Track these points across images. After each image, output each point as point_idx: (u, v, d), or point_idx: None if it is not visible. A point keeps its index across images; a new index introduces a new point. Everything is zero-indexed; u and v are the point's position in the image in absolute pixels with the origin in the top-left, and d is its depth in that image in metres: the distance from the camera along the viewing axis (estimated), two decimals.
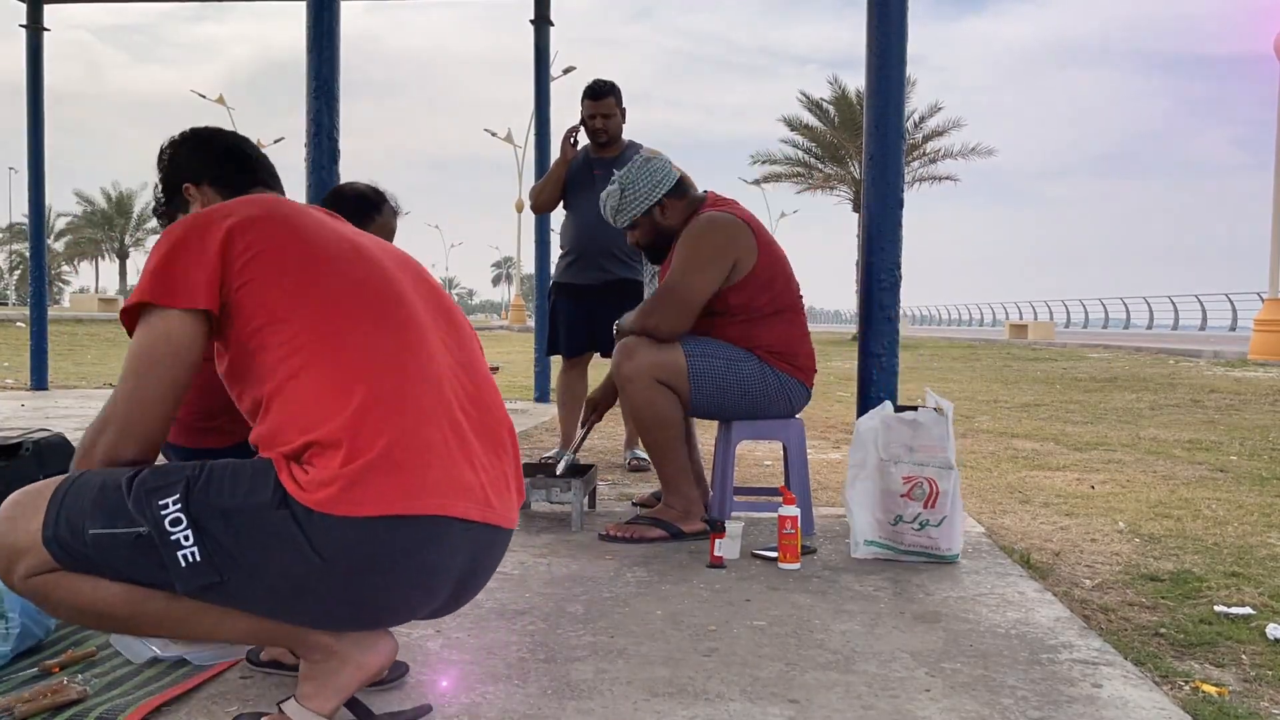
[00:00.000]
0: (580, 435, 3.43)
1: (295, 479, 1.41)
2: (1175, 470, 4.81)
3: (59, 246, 68.25)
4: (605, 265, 4.51)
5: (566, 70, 30.72)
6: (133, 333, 1.52)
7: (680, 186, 3.17)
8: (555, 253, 4.93)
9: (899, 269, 3.45)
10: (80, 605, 1.47)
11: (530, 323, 29.43)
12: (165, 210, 1.91)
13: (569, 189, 4.54)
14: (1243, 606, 2.55)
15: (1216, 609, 2.53)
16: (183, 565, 1.41)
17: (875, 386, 3.42)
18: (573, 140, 4.50)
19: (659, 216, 3.15)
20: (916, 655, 2.01)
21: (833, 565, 2.76)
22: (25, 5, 8.10)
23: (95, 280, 78.21)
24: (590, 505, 3.53)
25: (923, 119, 27.73)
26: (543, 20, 7.80)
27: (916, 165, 27.80)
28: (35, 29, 8.11)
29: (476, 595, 1.66)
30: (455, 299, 4.43)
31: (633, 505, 3.56)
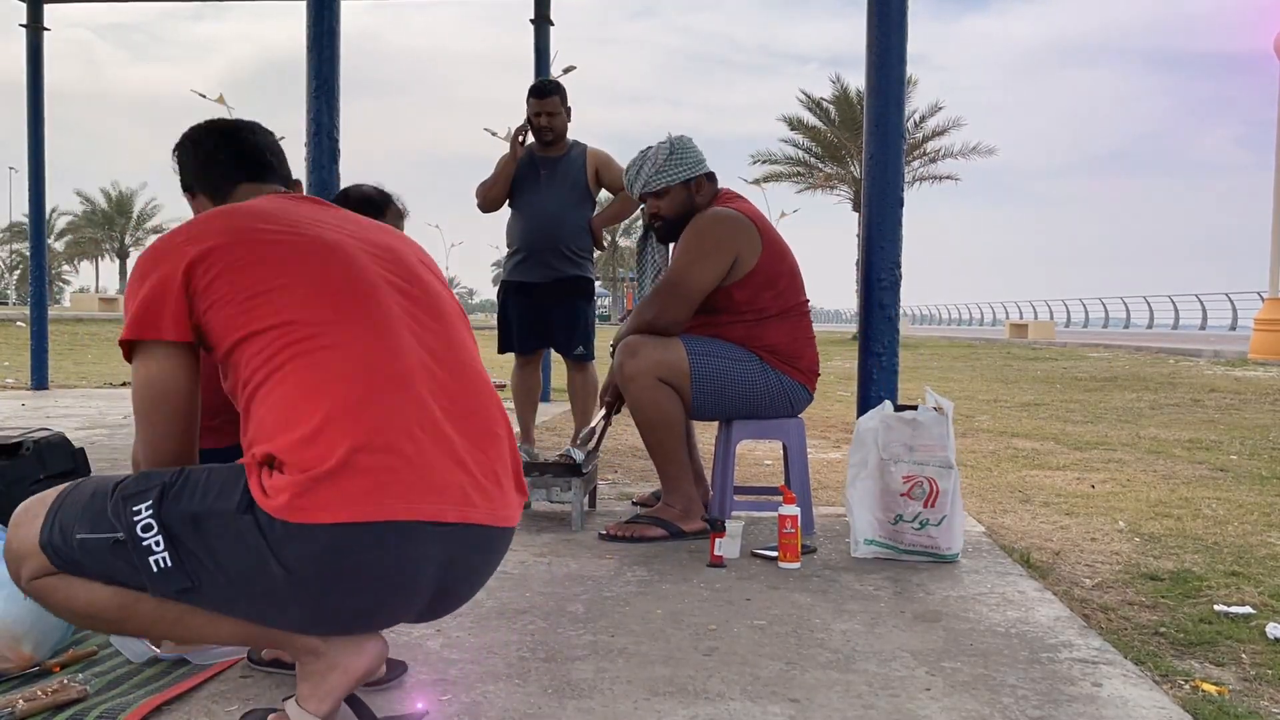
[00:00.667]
0: (600, 427, 3.40)
1: (262, 485, 1.41)
2: (1175, 470, 4.81)
3: (59, 246, 68.23)
4: (553, 263, 4.50)
5: (566, 70, 30.62)
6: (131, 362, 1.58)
7: (713, 177, 3.20)
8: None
9: (899, 268, 3.45)
10: (76, 608, 1.51)
11: None
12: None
13: (515, 187, 4.51)
14: (1243, 606, 2.55)
15: (1216, 608, 2.53)
16: (154, 570, 1.43)
17: (875, 386, 3.42)
18: (521, 139, 4.50)
19: (695, 191, 3.15)
20: (917, 654, 2.01)
21: (833, 564, 2.76)
22: (25, 5, 8.10)
23: (95, 280, 78.26)
24: (590, 505, 3.53)
25: (923, 118, 27.74)
26: (543, 20, 7.80)
27: (916, 165, 27.80)
28: (35, 29, 8.11)
29: (476, 595, 1.65)
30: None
31: (633, 505, 3.56)
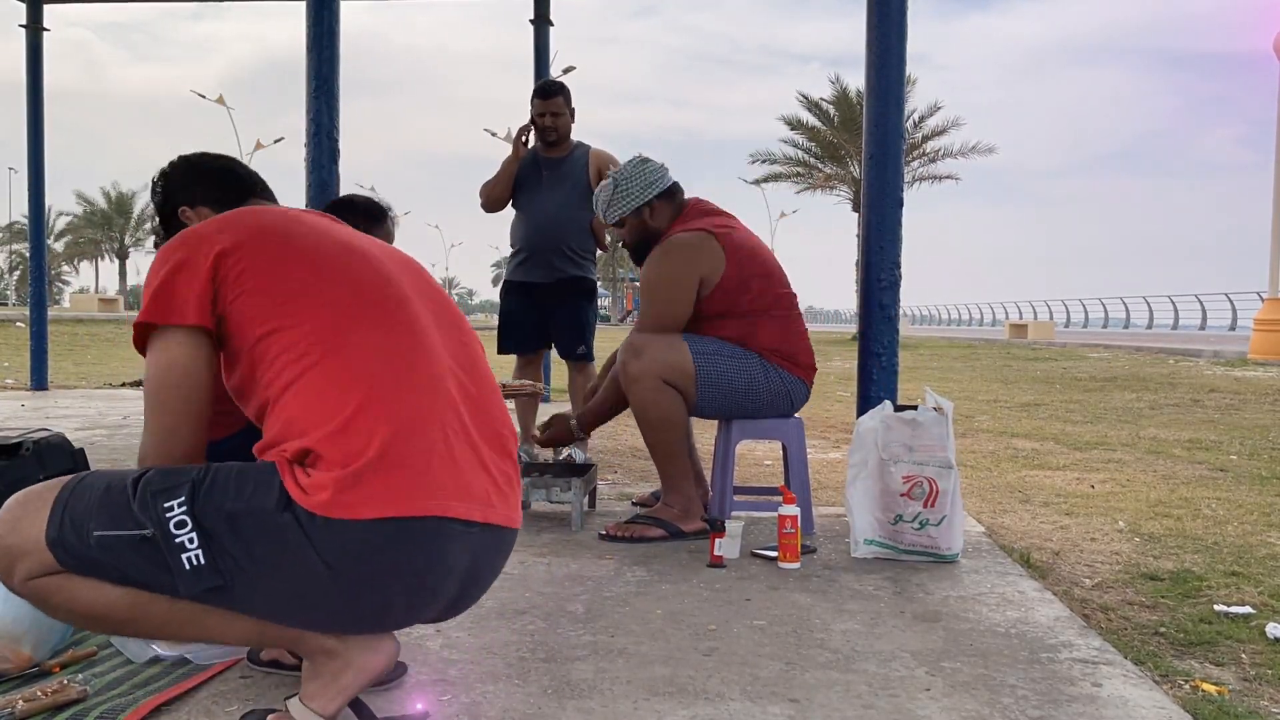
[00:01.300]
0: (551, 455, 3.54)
1: (298, 483, 1.41)
2: (1175, 470, 4.81)
3: (59, 247, 68.24)
4: (556, 263, 4.49)
5: (566, 70, 30.61)
6: (145, 354, 1.55)
7: (671, 192, 3.20)
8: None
9: (899, 268, 3.45)
10: (80, 609, 1.47)
11: None
12: (165, 238, 1.88)
13: (518, 188, 4.51)
14: (1242, 606, 2.55)
15: (1216, 608, 2.53)
16: (187, 568, 1.41)
17: (875, 386, 3.42)
18: (524, 139, 4.50)
19: (647, 217, 3.18)
20: (916, 654, 2.01)
21: (833, 565, 2.76)
22: (25, 5, 8.10)
23: (95, 280, 78.26)
24: (590, 505, 3.53)
25: (923, 118, 27.75)
26: (542, 20, 7.80)
27: (916, 165, 27.82)
28: (35, 29, 8.11)
29: (480, 596, 1.66)
30: (455, 299, 4.44)
31: (632, 505, 3.56)
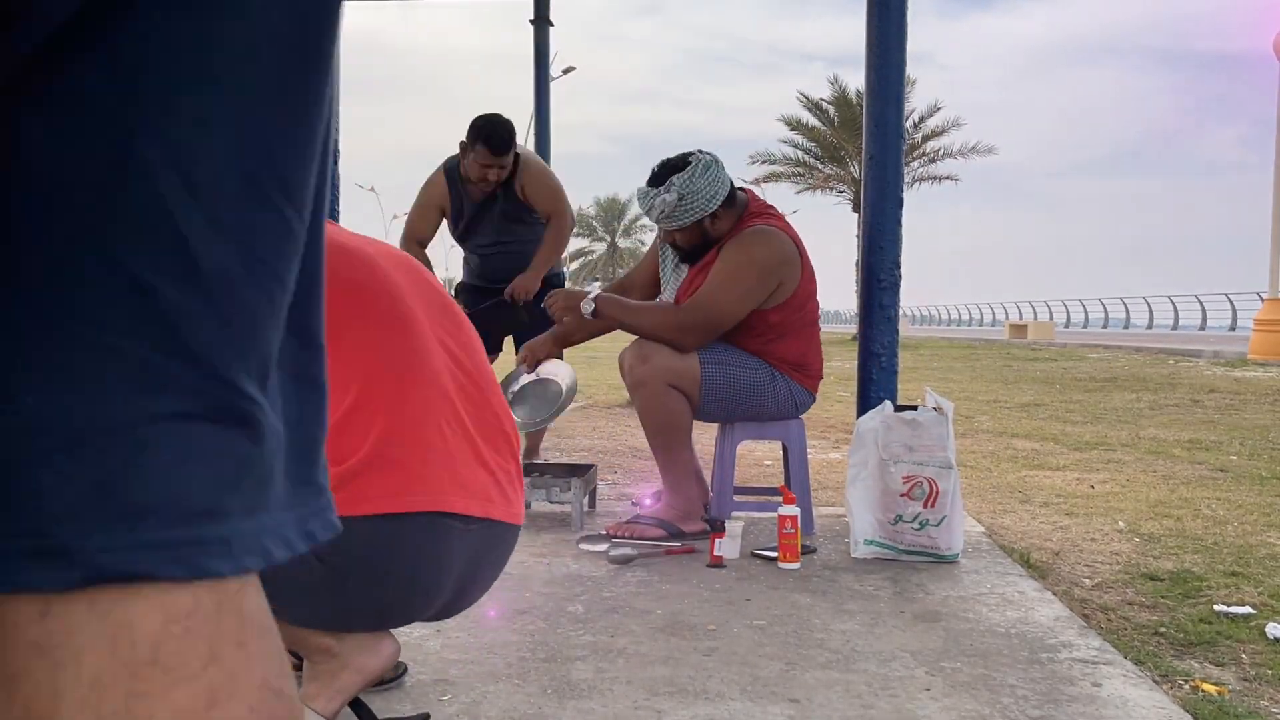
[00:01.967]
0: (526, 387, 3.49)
1: None
2: (1175, 470, 4.81)
3: None
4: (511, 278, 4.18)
5: (566, 70, 30.75)
6: None
7: (732, 195, 3.09)
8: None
9: (899, 269, 3.45)
10: None
11: None
12: None
13: (460, 227, 4.19)
14: (1242, 606, 2.55)
15: (1216, 608, 2.53)
16: None
17: (875, 386, 3.42)
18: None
19: (709, 225, 3.06)
20: (916, 654, 2.01)
21: (833, 565, 2.76)
22: None
23: None
24: (590, 505, 3.53)
25: (923, 119, 27.76)
26: (542, 20, 7.79)
27: (916, 165, 27.83)
28: None
29: (481, 596, 1.66)
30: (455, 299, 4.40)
31: (633, 505, 3.56)
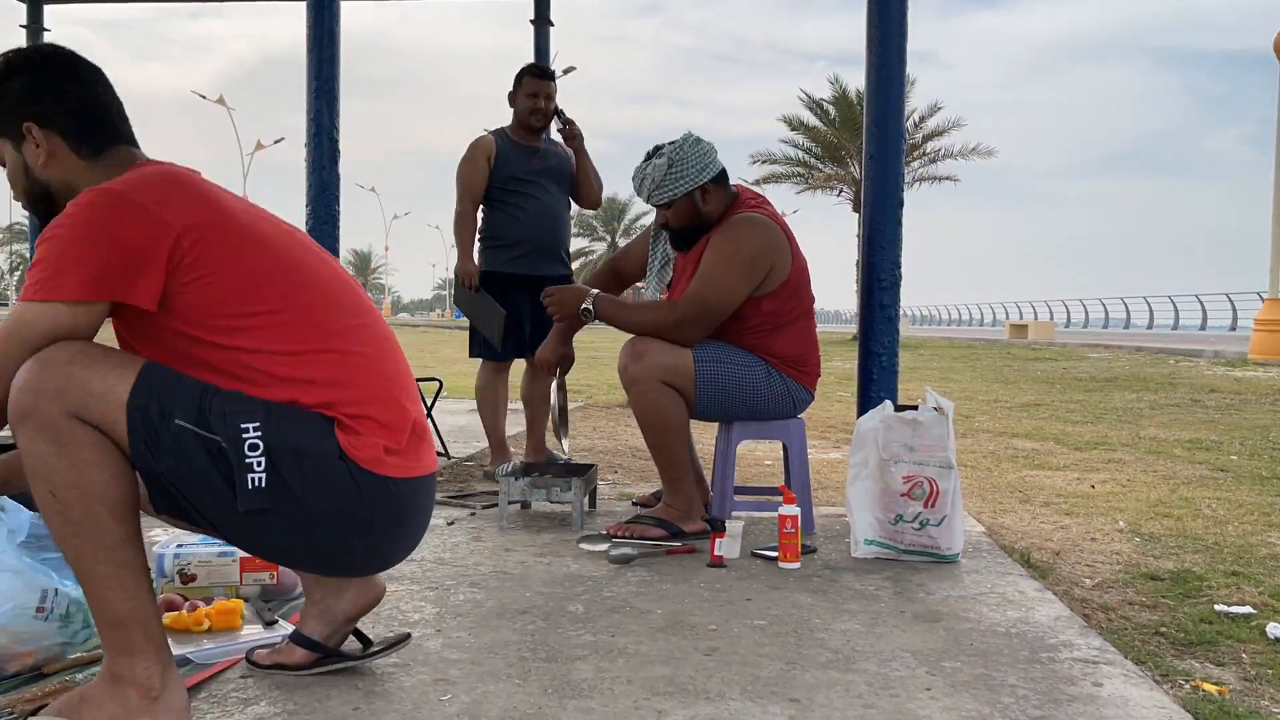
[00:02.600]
0: (558, 404, 3.41)
1: (350, 440, 1.60)
2: (1175, 470, 4.81)
3: None
4: (551, 263, 4.25)
5: (567, 70, 30.70)
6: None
7: (724, 176, 3.08)
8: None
9: (899, 269, 3.46)
10: (61, 475, 1.45)
11: None
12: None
13: (504, 180, 4.19)
14: (1243, 605, 2.55)
15: (1217, 608, 2.53)
16: (249, 487, 1.53)
17: (875, 386, 3.42)
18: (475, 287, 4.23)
19: (699, 201, 3.03)
20: (917, 654, 2.01)
21: (833, 564, 2.76)
22: (25, 5, 8.10)
23: None
24: (590, 505, 3.53)
25: (923, 119, 27.74)
26: (543, 20, 7.78)
27: (916, 165, 27.81)
28: (36, 30, 8.11)
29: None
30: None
31: (633, 505, 3.56)
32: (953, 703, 1.76)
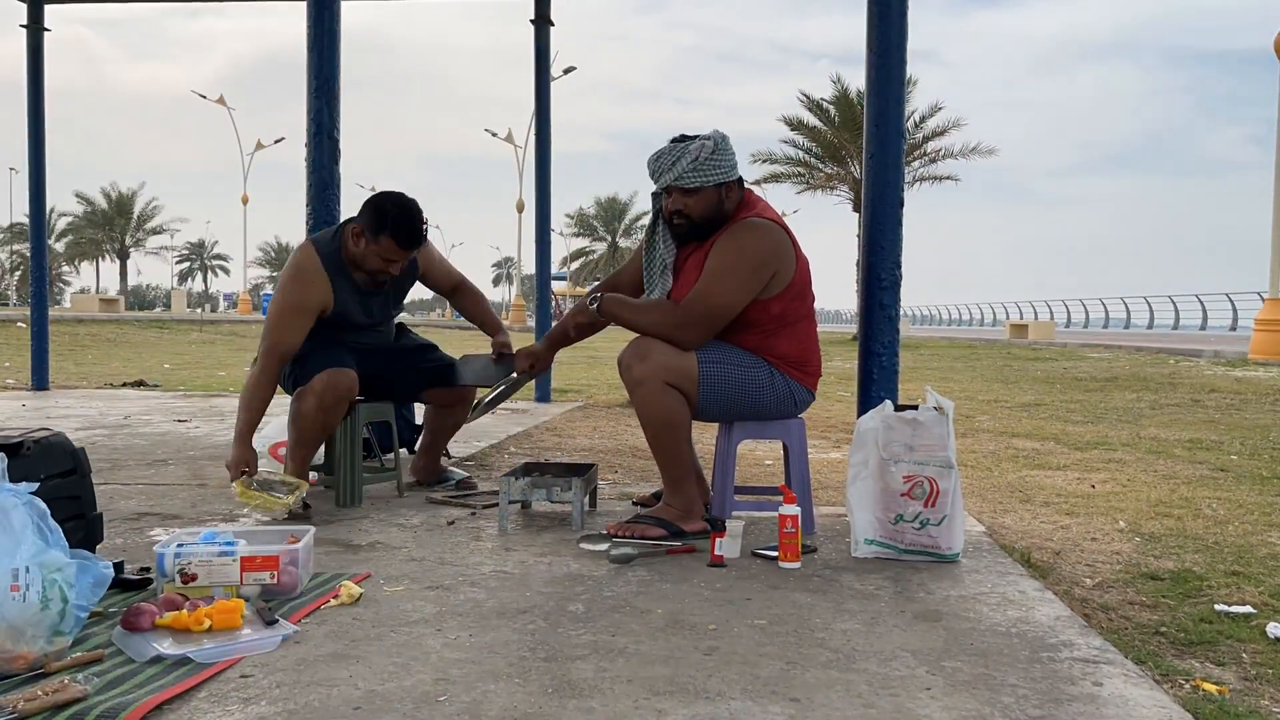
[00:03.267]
0: (498, 394, 3.52)
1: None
2: (1176, 469, 4.81)
3: (60, 247, 68.34)
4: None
5: (567, 70, 30.82)
6: None
7: (742, 181, 3.10)
8: (556, 253, 4.66)
9: (899, 268, 3.46)
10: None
11: (530, 322, 29.53)
12: None
13: (346, 326, 3.55)
14: (1243, 605, 2.55)
15: (1217, 608, 2.53)
16: None
17: (876, 386, 3.42)
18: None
19: (724, 195, 3.04)
20: (917, 654, 2.01)
21: (833, 564, 2.76)
22: (25, 5, 8.10)
23: (96, 281, 78.23)
24: (591, 505, 3.53)
25: (924, 118, 27.73)
26: (543, 20, 7.79)
27: (917, 165, 27.79)
28: (35, 29, 8.11)
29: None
30: None
31: (633, 505, 3.56)
32: (953, 702, 1.76)
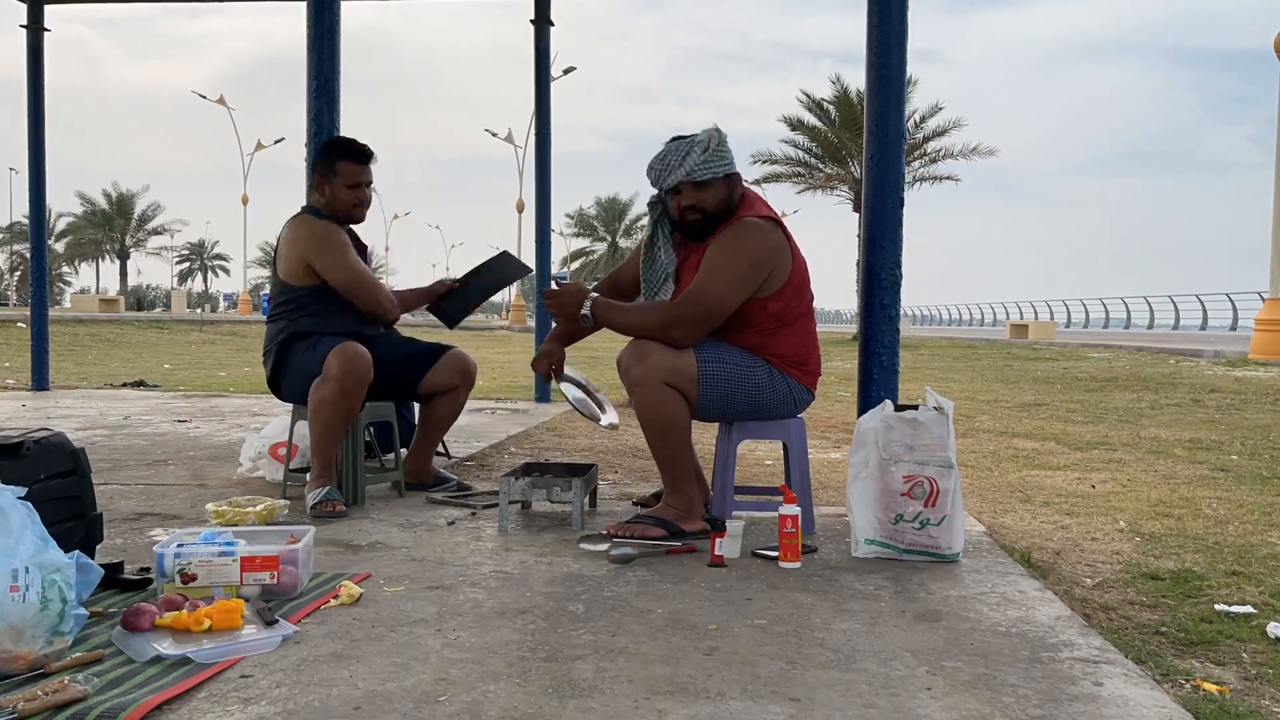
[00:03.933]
0: (579, 394, 3.37)
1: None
2: (1176, 469, 4.81)
3: (60, 247, 68.32)
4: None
5: (567, 70, 30.86)
6: None
7: (739, 175, 3.10)
8: (556, 253, 4.70)
9: (899, 268, 3.45)
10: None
11: (530, 323, 29.53)
12: None
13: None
14: (1243, 605, 2.55)
15: (1217, 607, 2.53)
16: None
17: (876, 385, 3.42)
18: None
19: (733, 187, 3.04)
20: (917, 654, 2.01)
21: (833, 564, 2.76)
22: (25, 5, 8.10)
23: (96, 281, 78.20)
24: (591, 505, 3.53)
25: (924, 118, 27.72)
26: (543, 20, 7.79)
27: (917, 165, 27.79)
28: (36, 29, 8.11)
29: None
30: None
31: (633, 505, 3.56)
32: (953, 702, 1.76)
